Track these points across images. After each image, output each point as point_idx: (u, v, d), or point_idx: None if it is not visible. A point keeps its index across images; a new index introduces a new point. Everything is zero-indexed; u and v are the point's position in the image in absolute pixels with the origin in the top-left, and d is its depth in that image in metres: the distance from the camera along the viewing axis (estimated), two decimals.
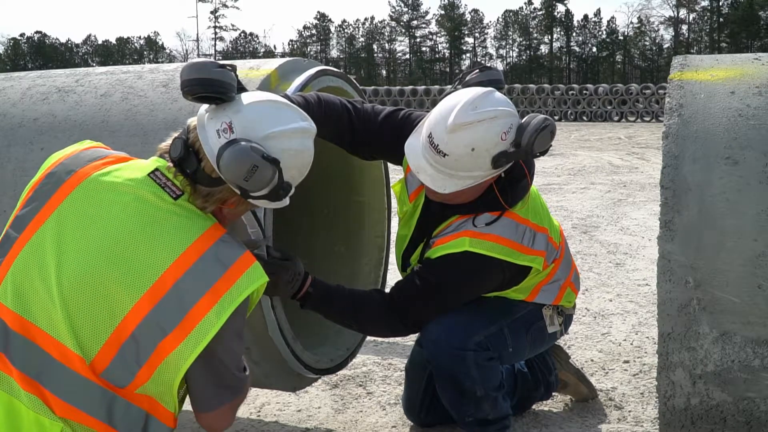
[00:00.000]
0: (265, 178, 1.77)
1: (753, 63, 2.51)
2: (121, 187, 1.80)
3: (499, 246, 2.49)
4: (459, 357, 2.55)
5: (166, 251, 1.72)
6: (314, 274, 2.60)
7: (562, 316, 2.82)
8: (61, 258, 1.72)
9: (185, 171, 1.82)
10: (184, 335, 1.68)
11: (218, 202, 1.86)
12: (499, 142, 2.36)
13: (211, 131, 1.82)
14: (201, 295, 1.69)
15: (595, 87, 32.34)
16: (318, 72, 2.74)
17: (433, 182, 2.45)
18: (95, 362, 1.68)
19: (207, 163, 1.81)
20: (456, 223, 2.54)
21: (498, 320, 2.64)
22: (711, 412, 2.27)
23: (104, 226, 1.74)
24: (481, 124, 2.34)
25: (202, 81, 1.82)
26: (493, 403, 2.64)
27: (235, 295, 1.72)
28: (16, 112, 2.88)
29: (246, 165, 1.74)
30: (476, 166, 2.38)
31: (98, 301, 1.69)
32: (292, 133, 1.86)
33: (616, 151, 16.12)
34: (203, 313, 1.68)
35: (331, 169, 3.34)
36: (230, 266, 1.74)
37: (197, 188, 1.83)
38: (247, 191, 1.80)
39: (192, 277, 1.70)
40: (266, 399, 3.30)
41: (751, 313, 2.18)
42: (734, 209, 2.19)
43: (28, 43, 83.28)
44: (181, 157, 1.82)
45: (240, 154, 1.74)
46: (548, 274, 2.70)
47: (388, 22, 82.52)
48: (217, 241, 1.77)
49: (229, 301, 1.71)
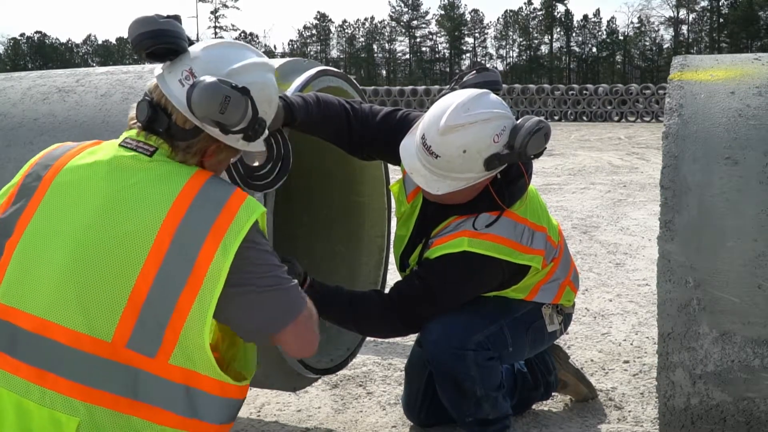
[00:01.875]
0: (240, 108, 1.76)
1: (753, 63, 2.51)
2: (96, 164, 1.78)
3: (498, 246, 2.49)
4: (459, 357, 2.55)
5: (156, 207, 1.69)
6: (314, 274, 2.60)
7: (562, 315, 2.83)
8: (56, 245, 1.70)
9: (158, 131, 1.80)
10: (199, 285, 1.65)
11: (198, 153, 1.84)
12: (492, 144, 2.36)
13: (173, 83, 1.80)
14: (203, 240, 1.66)
15: (595, 87, 32.32)
16: (318, 72, 2.74)
17: (426, 183, 2.46)
18: (117, 337, 1.64)
19: (178, 116, 1.80)
20: (455, 223, 2.55)
21: (498, 320, 2.64)
22: (711, 412, 2.27)
23: (90, 203, 1.72)
24: (473, 126, 2.35)
25: (151, 33, 1.80)
26: (493, 402, 2.64)
27: (237, 231, 1.69)
28: (16, 112, 2.88)
29: (218, 97, 1.72)
30: (468, 168, 2.39)
31: (104, 276, 1.66)
32: (252, 67, 1.86)
33: (616, 151, 16.12)
34: (210, 256, 1.66)
35: (331, 169, 3.34)
36: (225, 204, 1.71)
37: (174, 144, 1.81)
38: (225, 125, 1.77)
39: (189, 225, 1.67)
40: (266, 399, 3.31)
41: (751, 313, 2.18)
42: (734, 209, 2.19)
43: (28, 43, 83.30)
44: (149, 118, 1.80)
45: (210, 87, 1.73)
46: (547, 273, 2.70)
47: (388, 22, 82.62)
48: (204, 183, 1.74)
49: (233, 238, 1.68)
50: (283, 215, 3.17)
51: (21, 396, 1.66)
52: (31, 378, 1.65)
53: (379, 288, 3.27)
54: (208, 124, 1.78)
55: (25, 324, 1.68)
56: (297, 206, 3.38)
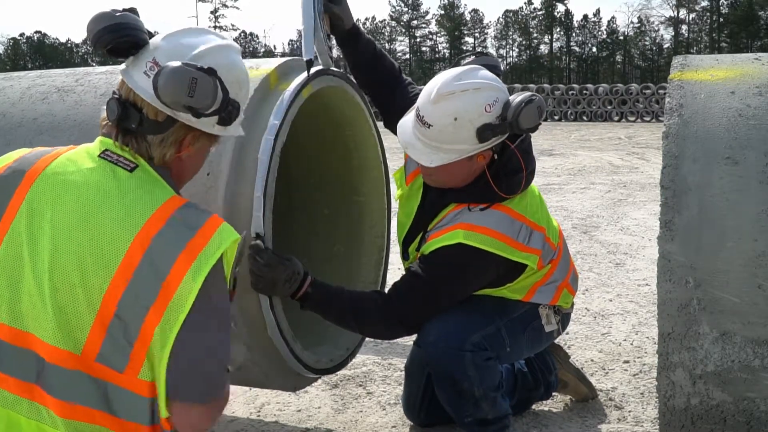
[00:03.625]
0: (209, 88, 1.71)
1: (753, 63, 2.51)
2: (75, 174, 1.74)
3: (493, 240, 2.49)
4: (456, 357, 2.55)
5: (129, 224, 1.65)
6: (314, 274, 2.60)
7: (559, 315, 2.82)
8: (33, 254, 1.67)
9: (130, 128, 1.76)
10: (166, 303, 1.60)
11: (174, 144, 1.78)
12: (483, 114, 2.38)
13: (138, 76, 1.76)
14: (174, 259, 1.62)
15: (595, 87, 32.32)
16: (318, 72, 2.74)
17: (419, 156, 2.49)
18: (87, 349, 1.63)
19: (149, 109, 1.75)
20: (451, 214, 2.55)
21: (495, 320, 2.64)
22: (711, 412, 2.27)
23: (66, 214, 1.68)
24: (464, 94, 2.39)
25: (109, 28, 1.76)
26: (492, 402, 2.64)
27: (209, 254, 1.64)
28: (15, 111, 2.87)
29: (184, 80, 1.68)
30: (460, 137, 2.41)
31: (76, 288, 1.63)
32: (217, 50, 1.81)
33: (616, 151, 16.12)
34: (180, 276, 1.61)
35: (331, 169, 3.34)
36: (199, 228, 1.67)
37: (148, 139, 1.76)
38: (196, 110, 1.72)
39: (162, 243, 1.63)
40: (266, 399, 3.30)
41: (751, 313, 2.18)
42: (734, 209, 2.19)
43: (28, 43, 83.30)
44: (120, 116, 1.75)
45: (175, 71, 1.69)
46: (545, 274, 2.69)
47: (388, 22, 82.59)
48: (181, 207, 1.70)
49: (205, 260, 1.63)
50: (283, 215, 3.16)
51: (10, 409, 1.65)
52: (19, 391, 1.65)
53: (379, 288, 3.27)
54: (179, 110, 1.73)
55: (6, 336, 1.67)
56: (297, 206, 3.38)
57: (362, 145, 3.21)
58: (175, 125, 1.77)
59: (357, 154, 3.23)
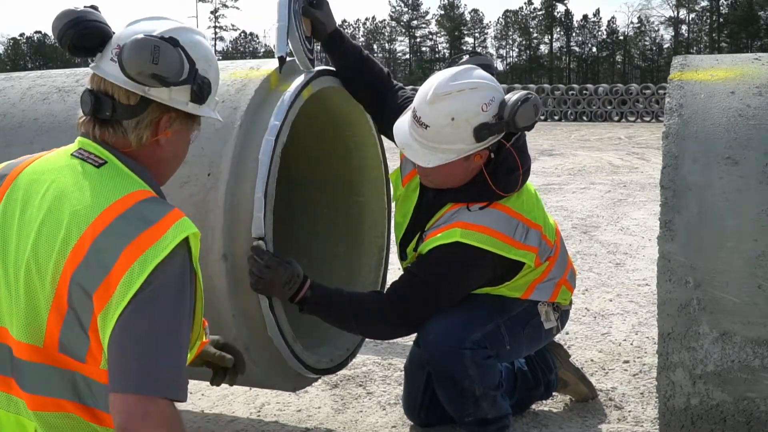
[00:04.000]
0: (174, 56, 1.73)
1: (753, 63, 2.51)
2: (46, 173, 1.76)
3: (490, 238, 2.49)
4: (456, 356, 2.55)
5: (84, 215, 1.65)
6: (314, 274, 2.60)
7: (558, 312, 2.82)
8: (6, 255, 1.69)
9: (105, 118, 1.77)
10: (109, 294, 1.58)
11: (150, 126, 1.78)
12: (480, 113, 2.39)
13: (106, 64, 1.77)
14: (121, 251, 1.59)
15: (595, 87, 32.30)
16: (318, 72, 2.74)
17: (417, 156, 2.50)
18: (47, 342, 1.64)
19: (120, 93, 1.76)
20: (449, 213, 2.55)
21: (495, 318, 2.64)
22: (711, 412, 2.27)
23: (33, 209, 1.70)
24: (460, 94, 2.40)
25: (71, 23, 1.78)
26: (492, 402, 2.64)
27: (161, 248, 1.61)
28: (16, 112, 2.88)
29: (147, 48, 1.70)
30: (458, 137, 2.41)
31: (35, 281, 1.64)
32: (176, 30, 1.82)
33: (616, 151, 16.12)
34: (125, 268, 1.58)
35: (331, 169, 3.34)
36: (156, 222, 1.65)
37: (124, 124, 1.77)
38: (163, 77, 1.72)
39: (110, 235, 1.61)
40: (266, 399, 3.31)
41: (751, 313, 2.18)
42: (734, 209, 2.19)
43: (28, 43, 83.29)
44: (94, 107, 1.76)
45: (137, 42, 1.71)
46: (543, 272, 2.69)
47: (388, 22, 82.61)
48: (142, 200, 1.69)
49: (154, 254, 1.60)
50: (283, 215, 3.16)
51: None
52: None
53: (379, 288, 3.27)
54: (148, 83, 1.73)
55: None
56: (297, 206, 3.38)
57: (362, 145, 3.22)
58: (149, 107, 1.78)
59: (357, 154, 3.24)
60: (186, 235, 1.66)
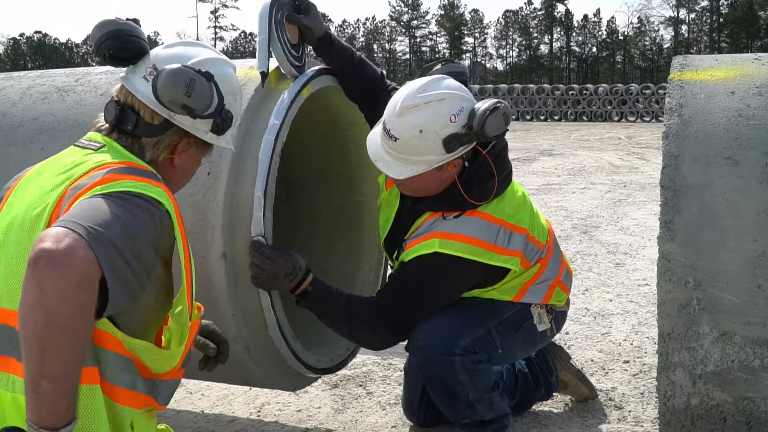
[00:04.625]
0: (206, 91, 1.80)
1: (753, 63, 2.51)
2: (46, 165, 1.82)
3: (469, 246, 2.46)
4: (446, 362, 2.53)
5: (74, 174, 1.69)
6: (313, 273, 2.59)
7: (552, 314, 2.79)
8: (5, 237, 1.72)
9: (126, 130, 1.83)
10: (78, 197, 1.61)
11: (168, 149, 1.86)
12: (449, 124, 2.38)
13: (138, 80, 1.84)
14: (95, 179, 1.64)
15: (595, 87, 32.31)
16: (317, 72, 2.74)
17: (388, 168, 2.50)
18: None
19: (145, 111, 1.83)
20: (427, 223, 2.54)
21: (485, 322, 2.61)
22: (711, 412, 2.27)
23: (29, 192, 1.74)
24: (428, 106, 2.38)
25: (110, 34, 1.83)
26: (487, 404, 2.62)
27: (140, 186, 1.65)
28: (15, 111, 2.88)
29: (183, 79, 1.77)
30: (427, 149, 2.40)
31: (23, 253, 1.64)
32: (211, 61, 1.91)
33: (616, 151, 16.12)
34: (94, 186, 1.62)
35: (331, 169, 3.34)
36: (140, 177, 1.70)
37: (143, 141, 1.84)
38: (193, 110, 1.79)
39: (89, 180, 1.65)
40: (266, 399, 3.30)
41: (751, 313, 2.18)
42: (734, 209, 2.19)
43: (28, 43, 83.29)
44: (118, 118, 1.83)
45: (174, 72, 1.78)
46: (535, 273, 2.66)
47: (388, 22, 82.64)
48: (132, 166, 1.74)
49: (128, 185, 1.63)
50: (283, 215, 3.16)
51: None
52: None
53: (378, 288, 3.27)
54: (176, 111, 1.80)
55: None
56: (297, 206, 3.38)
57: (362, 145, 3.19)
58: (170, 130, 1.85)
59: (357, 154, 3.23)
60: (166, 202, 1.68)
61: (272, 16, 2.62)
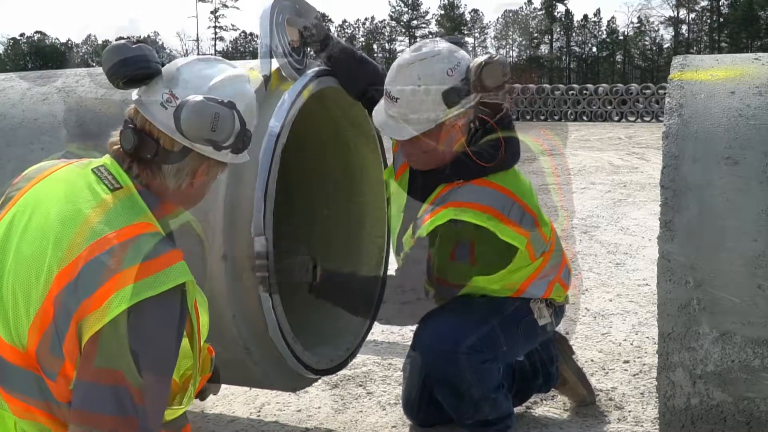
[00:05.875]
0: (230, 123, 1.76)
1: (753, 63, 2.51)
2: (60, 184, 1.78)
3: (483, 214, 2.48)
4: (452, 361, 2.54)
5: (86, 236, 1.65)
6: None
7: (552, 308, 2.80)
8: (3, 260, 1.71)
9: (145, 158, 1.78)
10: (88, 312, 1.59)
11: (190, 175, 1.82)
12: (446, 78, 2.44)
13: (155, 107, 1.79)
14: (108, 278, 1.60)
15: (595, 87, 32.27)
16: (318, 73, 2.75)
17: (392, 132, 2.56)
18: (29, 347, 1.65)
19: (165, 139, 1.78)
20: (441, 195, 2.56)
21: (489, 320, 2.62)
22: (711, 412, 2.27)
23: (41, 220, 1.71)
24: (423, 62, 2.46)
25: (122, 62, 1.79)
26: (492, 403, 2.63)
27: (159, 283, 1.62)
28: (16, 112, 2.88)
29: (208, 116, 1.72)
30: (428, 105, 2.46)
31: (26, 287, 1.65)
32: (230, 80, 1.86)
33: (616, 151, 16.11)
34: (109, 294, 1.59)
35: (331, 169, 3.34)
36: (152, 258, 1.64)
37: (163, 169, 1.79)
38: (217, 142, 1.77)
39: (103, 260, 1.61)
40: (266, 399, 3.31)
41: (751, 313, 2.18)
42: (734, 209, 2.19)
43: (28, 43, 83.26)
44: (137, 146, 1.78)
45: (198, 107, 1.72)
46: (537, 268, 2.67)
47: (388, 22, 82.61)
48: (145, 233, 1.69)
49: (145, 288, 1.60)
50: (283, 215, 3.17)
51: None
52: None
53: None
54: (200, 144, 1.77)
55: None
56: (297, 206, 3.38)
57: (362, 145, 3.22)
58: (190, 155, 1.81)
59: (357, 154, 3.24)
60: (185, 281, 1.67)
61: (273, 19, 2.64)
